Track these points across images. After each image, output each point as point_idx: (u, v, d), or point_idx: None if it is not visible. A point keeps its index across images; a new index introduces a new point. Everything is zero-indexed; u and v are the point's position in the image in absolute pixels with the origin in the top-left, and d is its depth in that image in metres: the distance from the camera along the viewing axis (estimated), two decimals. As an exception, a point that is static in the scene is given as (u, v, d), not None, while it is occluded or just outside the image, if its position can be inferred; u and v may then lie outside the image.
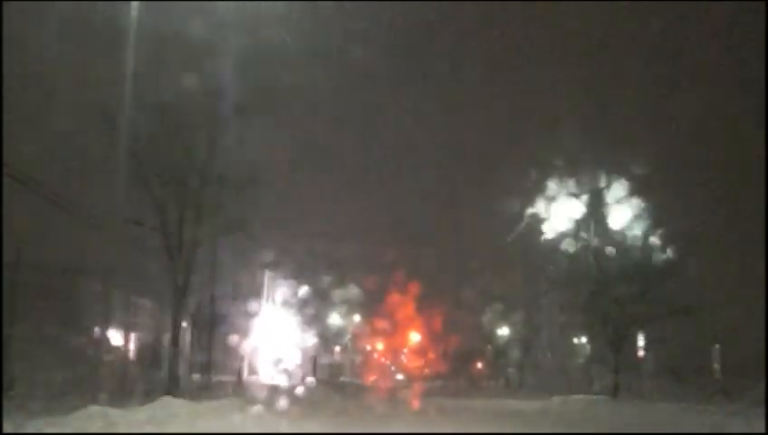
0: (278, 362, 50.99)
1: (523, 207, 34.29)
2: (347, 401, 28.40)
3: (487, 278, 60.46)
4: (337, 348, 54.72)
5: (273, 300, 52.97)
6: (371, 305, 64.57)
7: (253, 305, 49.96)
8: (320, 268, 54.58)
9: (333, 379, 53.28)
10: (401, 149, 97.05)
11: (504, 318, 58.61)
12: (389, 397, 35.13)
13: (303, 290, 48.17)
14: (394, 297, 72.83)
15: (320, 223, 65.32)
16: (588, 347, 47.43)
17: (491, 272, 60.66)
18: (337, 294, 57.38)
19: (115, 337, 37.61)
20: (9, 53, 19.48)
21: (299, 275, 50.82)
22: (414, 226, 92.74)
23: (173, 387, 22.66)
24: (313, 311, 52.01)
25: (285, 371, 48.44)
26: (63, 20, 20.65)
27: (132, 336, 40.72)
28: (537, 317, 54.58)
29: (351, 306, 59.44)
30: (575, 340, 49.93)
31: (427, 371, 75.81)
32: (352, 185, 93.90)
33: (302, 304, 51.09)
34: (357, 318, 60.23)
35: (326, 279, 55.74)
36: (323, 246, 53.92)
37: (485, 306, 59.88)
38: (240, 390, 30.88)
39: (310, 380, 44.36)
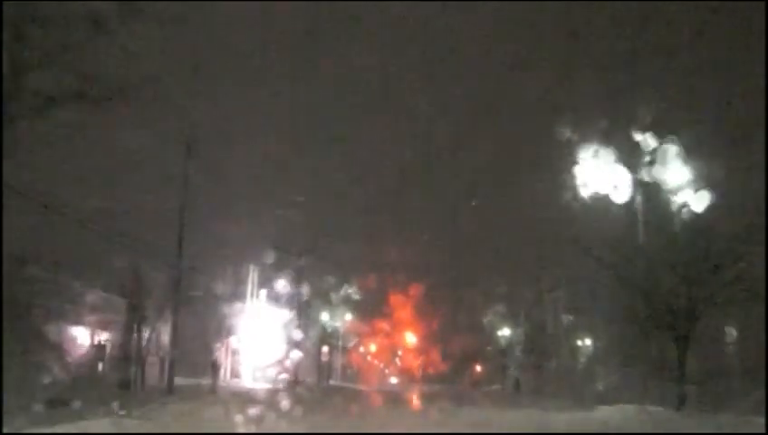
0: (261, 364, 47.21)
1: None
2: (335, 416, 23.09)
3: (490, 278, 58.42)
4: (325, 349, 50.63)
5: (258, 296, 49.26)
6: (366, 305, 62.04)
7: (236, 300, 46.48)
8: (318, 267, 51.18)
9: (321, 383, 49.20)
10: (406, 146, 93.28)
11: (506, 319, 56.64)
12: (390, 407, 30.22)
13: (287, 287, 44.05)
14: (391, 298, 69.98)
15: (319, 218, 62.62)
16: (591, 348, 45.35)
17: (494, 271, 58.26)
18: (333, 293, 53.90)
19: (80, 336, 34.19)
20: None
21: (295, 274, 47.18)
22: (417, 225, 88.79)
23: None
24: (302, 310, 48.25)
25: (269, 374, 44.54)
26: None
27: (96, 335, 37.27)
28: (541, 317, 51.65)
29: (345, 305, 56.23)
30: (579, 341, 47.41)
31: (423, 373, 72.26)
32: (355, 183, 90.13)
33: (292, 303, 47.35)
34: (348, 317, 56.56)
35: (326, 278, 52.37)
36: (324, 245, 50.47)
37: (487, 307, 58.26)
38: (199, 397, 26.54)
39: (292, 382, 40.42)
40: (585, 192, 26.37)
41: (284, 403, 23.02)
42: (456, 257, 72.59)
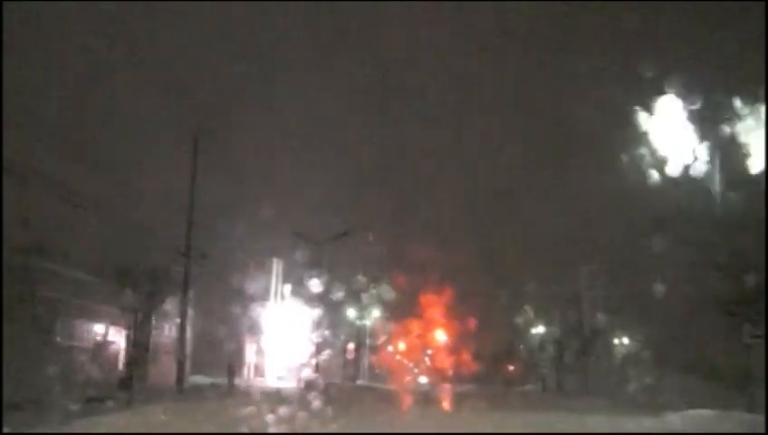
0: (285, 362, 45.61)
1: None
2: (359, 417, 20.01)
3: (524, 276, 56.73)
4: (351, 346, 48.71)
5: (282, 292, 47.70)
6: (396, 305, 60.13)
7: (260, 295, 45.03)
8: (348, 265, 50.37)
9: (346, 382, 47.35)
10: (440, 143, 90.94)
11: (539, 317, 55.48)
12: (419, 408, 27.21)
13: (314, 283, 42.33)
14: (423, 297, 68.49)
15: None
16: (627, 347, 44.43)
17: (528, 269, 56.84)
18: (363, 292, 52.66)
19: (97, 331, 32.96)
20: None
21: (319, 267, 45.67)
22: (450, 225, 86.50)
23: None
24: (328, 306, 46.61)
25: (293, 373, 42.88)
26: None
27: (117, 332, 36.12)
28: (578, 315, 50.05)
29: (375, 304, 54.66)
30: (616, 340, 46.70)
31: (454, 373, 70.44)
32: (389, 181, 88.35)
33: (319, 299, 45.73)
34: (377, 314, 54.83)
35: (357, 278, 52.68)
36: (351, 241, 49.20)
37: (520, 306, 56.74)
38: (206, 398, 24.54)
39: (315, 382, 38.64)
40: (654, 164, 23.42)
41: (299, 405, 20.57)
42: (489, 256, 70.98)
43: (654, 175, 22.83)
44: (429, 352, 73.62)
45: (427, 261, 64.38)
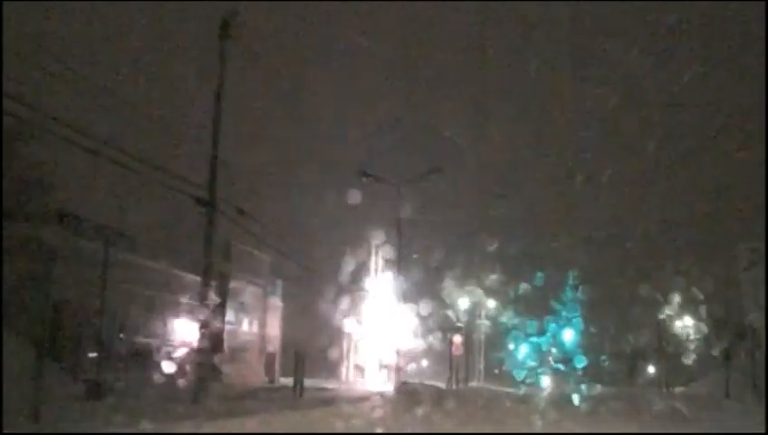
0: (389, 361, 40.93)
1: None
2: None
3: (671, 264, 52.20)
4: (458, 339, 42.94)
5: (382, 280, 43.37)
6: (528, 302, 59.30)
7: (356, 285, 41.02)
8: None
9: (451, 384, 41.60)
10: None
11: (686, 310, 51.32)
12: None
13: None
14: (553, 294, 65.12)
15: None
16: None
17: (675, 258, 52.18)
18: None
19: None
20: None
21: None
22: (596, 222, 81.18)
23: None
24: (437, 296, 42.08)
25: (397, 373, 38.01)
26: None
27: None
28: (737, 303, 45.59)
29: (490, 294, 50.26)
30: None
31: (587, 373, 64.69)
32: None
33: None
34: (491, 304, 50.08)
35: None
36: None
37: (665, 299, 52.95)
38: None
39: (403, 384, 33.65)
40: None
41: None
42: (630, 249, 65.79)
43: None
44: (554, 350, 68.27)
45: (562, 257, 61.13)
